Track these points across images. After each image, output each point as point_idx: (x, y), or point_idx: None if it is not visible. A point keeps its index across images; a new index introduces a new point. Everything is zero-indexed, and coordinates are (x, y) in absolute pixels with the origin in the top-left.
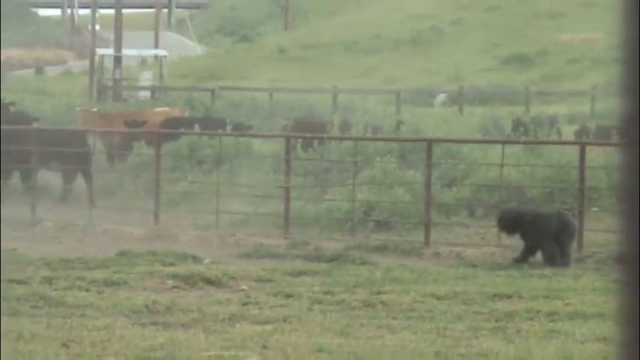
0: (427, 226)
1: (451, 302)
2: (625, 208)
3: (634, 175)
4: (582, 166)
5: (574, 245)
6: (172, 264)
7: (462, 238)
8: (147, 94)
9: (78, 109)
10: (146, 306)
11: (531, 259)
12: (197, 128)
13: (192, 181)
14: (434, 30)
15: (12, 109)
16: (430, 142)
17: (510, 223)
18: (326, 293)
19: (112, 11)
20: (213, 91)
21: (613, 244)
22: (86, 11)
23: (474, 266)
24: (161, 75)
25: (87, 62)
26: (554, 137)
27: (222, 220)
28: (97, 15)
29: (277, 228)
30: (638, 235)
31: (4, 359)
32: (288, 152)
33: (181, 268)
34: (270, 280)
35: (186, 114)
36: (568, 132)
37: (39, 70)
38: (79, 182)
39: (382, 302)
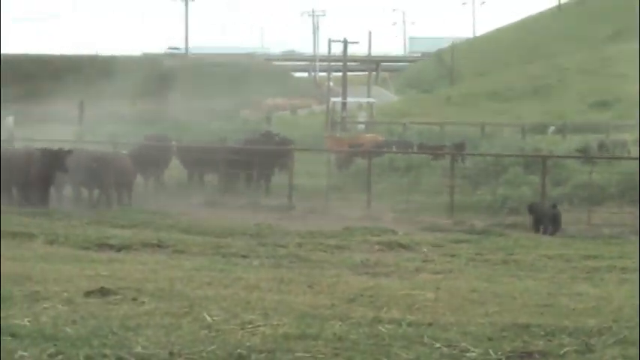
0: None
1: (557, 260)
2: None
3: None
4: None
5: (555, 222)
6: (378, 235)
7: (564, 219)
8: (362, 126)
9: (325, 135)
10: (361, 262)
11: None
12: (394, 148)
13: (391, 182)
14: (546, 85)
15: (277, 137)
16: (544, 157)
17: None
18: (477, 254)
19: (340, 74)
20: (404, 124)
21: None
22: (324, 74)
23: (573, 237)
24: (371, 114)
25: (324, 106)
26: (625, 154)
27: (411, 207)
28: (331, 76)
29: (446, 212)
30: None
31: (270, 296)
32: (452, 163)
33: (384, 238)
34: (441, 246)
35: (385, 139)
36: (634, 151)
37: (293, 112)
38: (316, 181)
39: (513, 260)
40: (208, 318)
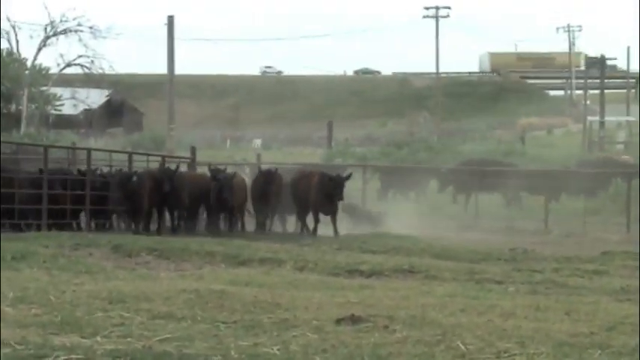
0: None
1: None
2: None
3: None
4: None
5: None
6: None
7: None
8: (621, 147)
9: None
10: (621, 288)
11: None
12: None
13: None
14: None
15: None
16: None
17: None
18: None
19: (597, 91)
20: None
21: None
22: (580, 91)
23: None
24: (631, 133)
25: (581, 126)
26: None
27: None
28: (588, 93)
29: None
30: None
31: (527, 323)
32: None
33: None
34: None
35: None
36: None
37: (549, 131)
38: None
39: None
40: (462, 347)
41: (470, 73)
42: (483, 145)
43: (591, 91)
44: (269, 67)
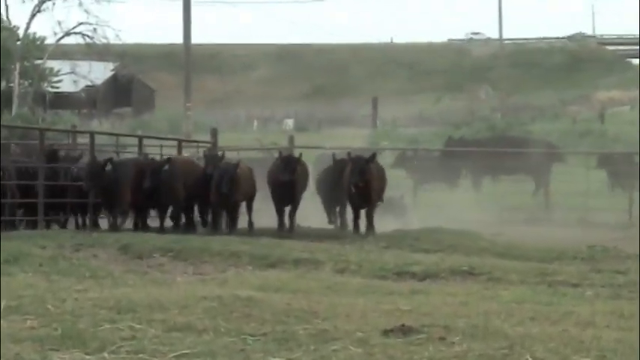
0: None
1: None
2: None
3: None
4: None
5: None
6: None
7: None
8: None
9: None
10: None
11: None
12: None
13: None
14: None
15: None
16: None
17: None
18: None
19: None
20: None
21: None
22: None
23: None
24: None
25: None
26: None
27: None
28: None
29: None
30: None
31: (608, 333)
32: None
33: None
34: None
35: None
36: None
37: (632, 107)
38: None
39: None
40: None
41: (538, 38)
42: (556, 123)
43: None
44: (476, 33)
